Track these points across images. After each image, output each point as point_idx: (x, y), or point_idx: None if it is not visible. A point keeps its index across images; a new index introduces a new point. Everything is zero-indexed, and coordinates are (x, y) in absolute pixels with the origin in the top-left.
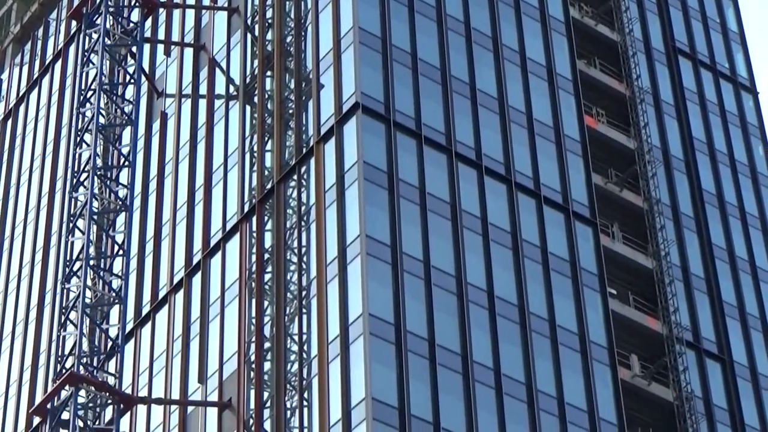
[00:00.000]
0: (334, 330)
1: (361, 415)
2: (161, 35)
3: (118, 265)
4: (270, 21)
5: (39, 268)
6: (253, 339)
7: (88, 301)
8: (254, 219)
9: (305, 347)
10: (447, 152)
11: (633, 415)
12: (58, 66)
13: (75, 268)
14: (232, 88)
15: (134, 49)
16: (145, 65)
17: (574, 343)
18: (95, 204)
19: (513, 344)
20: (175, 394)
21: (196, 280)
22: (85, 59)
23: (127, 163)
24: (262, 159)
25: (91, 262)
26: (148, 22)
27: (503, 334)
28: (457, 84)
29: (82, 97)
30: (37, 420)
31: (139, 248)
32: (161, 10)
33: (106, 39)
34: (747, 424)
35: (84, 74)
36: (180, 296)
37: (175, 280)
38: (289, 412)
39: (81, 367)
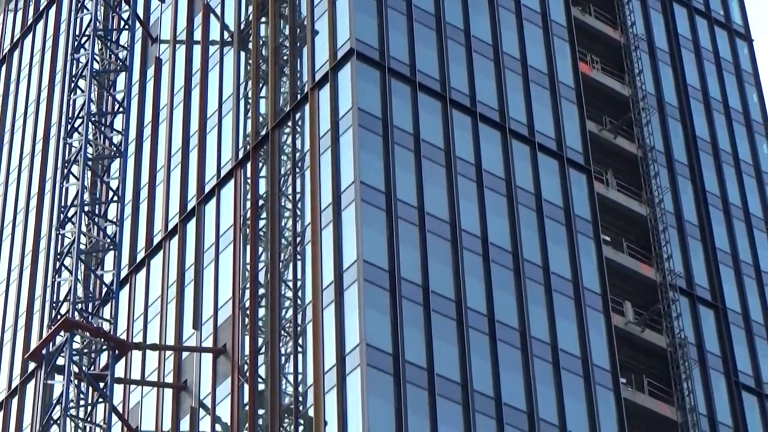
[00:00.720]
0: (329, 276)
1: (356, 361)
2: None
3: (112, 211)
4: None
5: (33, 214)
6: (248, 285)
7: (83, 247)
8: (249, 165)
9: (300, 293)
10: (441, 99)
11: (626, 361)
12: (52, 11)
13: (70, 214)
14: (226, 35)
15: None
16: (140, 11)
17: (568, 289)
18: (90, 150)
19: (507, 291)
20: (170, 340)
21: (191, 226)
22: (79, 5)
23: (121, 109)
24: (256, 105)
25: (86, 208)
26: None
27: (497, 280)
28: (452, 30)
29: (76, 43)
30: (32, 365)
31: (134, 194)
32: None
33: None
34: (740, 370)
35: (78, 20)
36: (174, 242)
37: (170, 226)
38: (283, 358)
39: (76, 313)
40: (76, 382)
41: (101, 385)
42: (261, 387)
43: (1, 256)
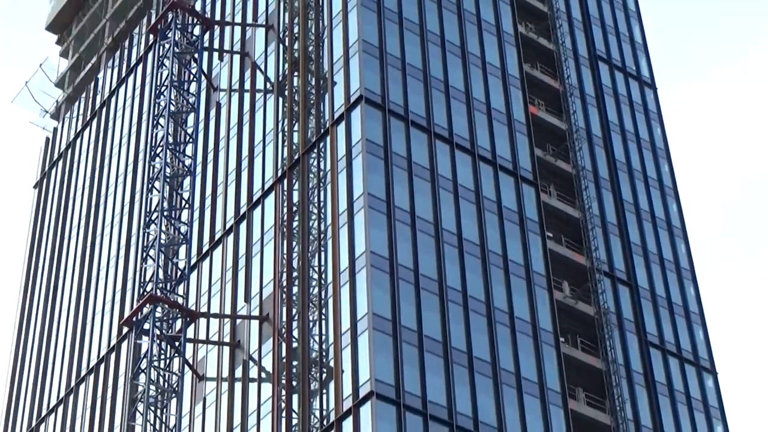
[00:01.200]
0: (345, 263)
1: (365, 326)
2: (216, 45)
3: (185, 216)
4: (297, 35)
5: (126, 217)
6: (285, 270)
7: (162, 241)
8: (285, 181)
9: (323, 276)
10: (427, 132)
11: (564, 326)
12: (140, 67)
13: (153, 218)
14: (268, 85)
15: (196, 55)
16: (204, 67)
17: (521, 272)
18: (168, 170)
19: (476, 274)
20: (227, 310)
21: (243, 226)
22: (160, 62)
23: (191, 139)
24: (291, 137)
25: (165, 213)
26: (207, 36)
27: (469, 265)
28: (437, 83)
29: (157, 91)
30: (125, 330)
31: (200, 203)
32: (216, 27)
33: (176, 48)
34: (648, 332)
35: (159, 74)
36: (231, 238)
37: (227, 226)
38: (311, 324)
39: (158, 291)
40: (158, 341)
41: (176, 343)
42: (294, 345)
43: (102, 248)
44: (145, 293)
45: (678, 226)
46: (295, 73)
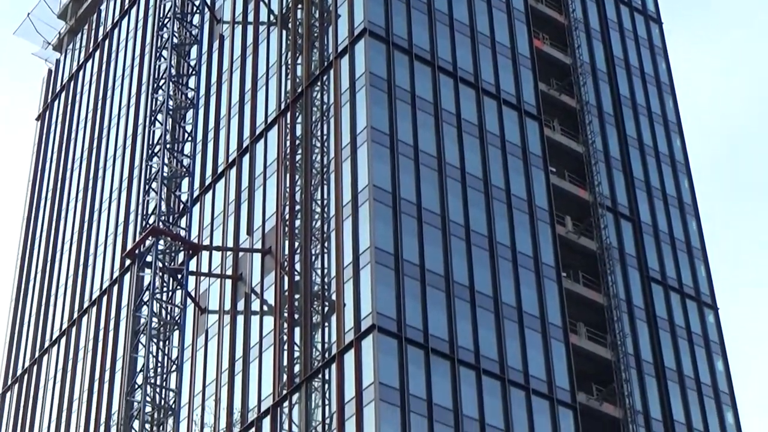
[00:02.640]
0: (347, 196)
1: (367, 259)
2: None
3: (188, 148)
4: None
5: (129, 150)
6: (287, 203)
7: (165, 174)
8: (289, 114)
9: (326, 209)
10: (431, 66)
11: (566, 260)
12: (143, 0)
13: (156, 150)
14: (272, 17)
15: None
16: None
17: (524, 207)
18: (171, 102)
19: (479, 208)
20: (230, 243)
21: (246, 159)
22: None
23: (194, 72)
24: (294, 70)
25: (168, 146)
26: None
27: (472, 199)
28: (441, 16)
29: (160, 23)
30: (128, 262)
31: (203, 135)
32: None
33: None
34: (650, 267)
35: (162, 6)
36: (233, 171)
37: (230, 159)
38: (313, 257)
39: (160, 223)
40: (160, 274)
41: (179, 276)
42: (297, 278)
43: (105, 180)
44: (148, 226)
45: (681, 161)
46: (299, 6)
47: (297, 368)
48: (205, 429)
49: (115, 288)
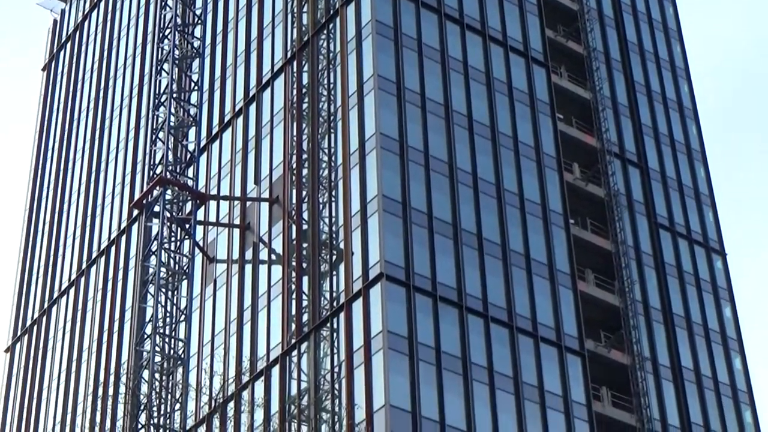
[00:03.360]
0: (354, 144)
1: (374, 208)
2: None
3: (194, 97)
4: None
5: (136, 100)
6: (295, 151)
7: (172, 124)
8: (295, 63)
9: (333, 157)
10: (437, 13)
11: (574, 207)
12: None
13: (162, 100)
14: None
15: None
16: None
17: (531, 154)
18: (176, 52)
19: (486, 155)
20: (237, 192)
21: (252, 108)
22: None
23: (199, 21)
24: (300, 18)
25: (174, 95)
26: None
27: (480, 147)
28: None
29: None
30: (136, 212)
31: (210, 84)
32: None
33: None
34: (658, 214)
35: None
36: (240, 120)
37: (237, 108)
38: (321, 206)
39: (168, 173)
40: (168, 224)
41: (186, 226)
42: (304, 227)
43: (112, 130)
44: (155, 176)
45: (689, 107)
46: None
47: (305, 317)
48: (215, 378)
49: (123, 238)
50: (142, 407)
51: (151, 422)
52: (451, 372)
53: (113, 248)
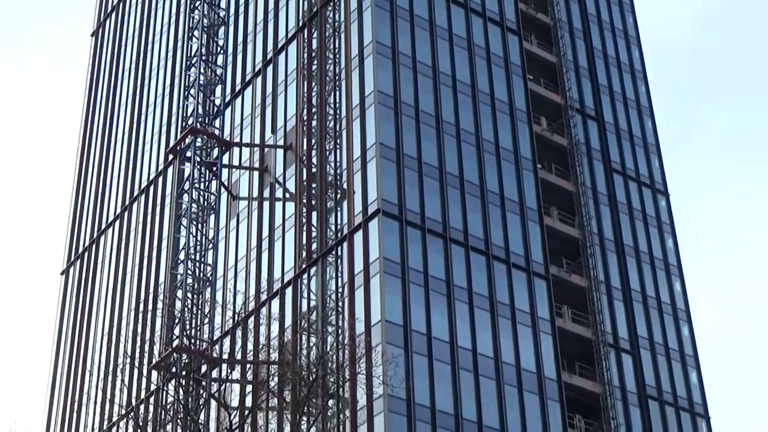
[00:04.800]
0: (356, 100)
1: (373, 153)
2: None
3: (220, 60)
4: None
5: (170, 62)
6: (305, 106)
7: (202, 82)
8: (306, 31)
9: (338, 111)
10: None
11: (542, 154)
12: None
13: (193, 61)
14: None
15: None
16: None
17: (506, 108)
18: (205, 20)
19: (468, 110)
20: (257, 140)
21: (270, 69)
22: None
23: None
24: None
25: (203, 58)
26: None
27: (462, 103)
28: None
29: None
30: (171, 157)
31: (233, 48)
32: None
33: None
34: (612, 160)
35: None
36: (259, 79)
37: (256, 68)
38: (327, 152)
39: (198, 124)
40: (198, 167)
41: (214, 168)
42: (314, 170)
43: (151, 87)
44: (187, 126)
45: (639, 69)
46: None
47: (314, 246)
48: (238, 296)
49: (160, 179)
50: (176, 321)
51: (184, 334)
52: (437, 293)
53: (152, 187)
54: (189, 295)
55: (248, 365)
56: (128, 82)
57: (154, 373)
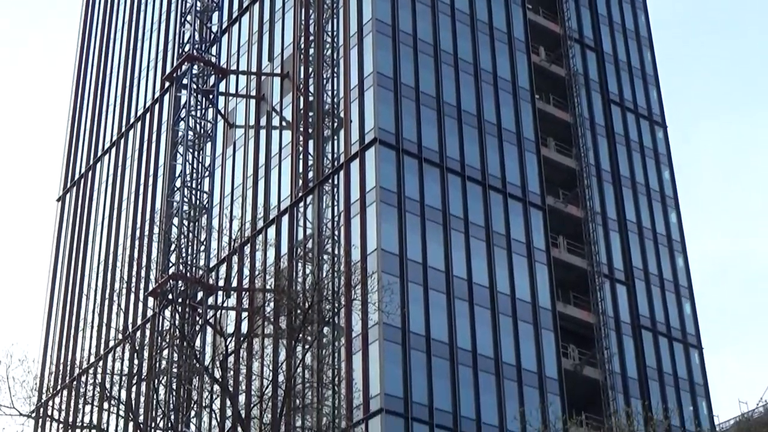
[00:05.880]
0: (354, 28)
1: (370, 82)
2: None
3: None
4: None
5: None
6: (303, 34)
7: (198, 8)
8: None
9: (335, 39)
10: None
11: (539, 84)
12: None
13: None
14: None
15: None
16: None
17: (504, 38)
18: None
19: (466, 39)
20: (254, 68)
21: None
22: None
23: None
24: None
25: None
26: None
27: (460, 32)
28: None
29: None
30: (167, 84)
31: None
32: None
33: None
34: (610, 91)
35: None
36: (257, 6)
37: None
38: (325, 80)
39: (195, 51)
40: (194, 94)
41: (210, 96)
42: (311, 98)
43: (147, 14)
44: (184, 53)
45: None
46: None
47: (310, 174)
48: (234, 222)
49: (157, 106)
50: (172, 248)
51: (180, 261)
52: (433, 222)
53: (148, 114)
54: (185, 222)
55: (244, 292)
56: (124, 8)
57: (151, 300)
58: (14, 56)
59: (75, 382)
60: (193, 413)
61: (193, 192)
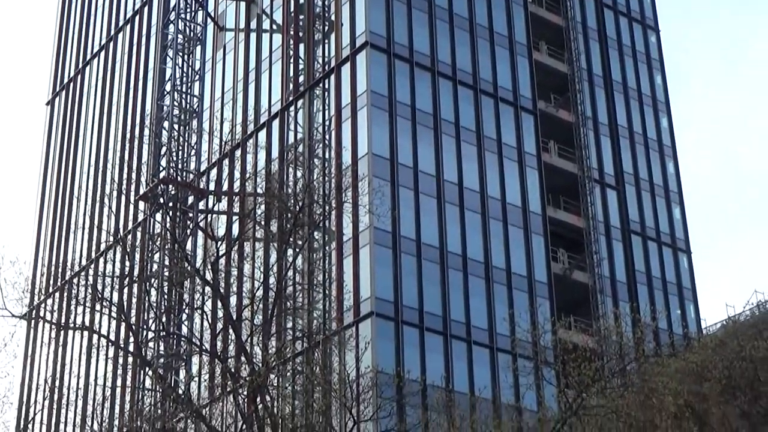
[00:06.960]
0: None
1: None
2: None
3: None
4: None
5: None
6: None
7: None
8: None
9: None
10: None
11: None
12: None
13: None
14: None
15: None
16: None
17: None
18: None
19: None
20: None
21: None
22: None
23: None
24: None
25: None
26: None
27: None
28: None
29: None
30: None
31: None
32: None
33: None
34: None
35: None
36: None
37: None
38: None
39: None
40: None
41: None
42: (301, 1)
43: None
44: None
45: None
46: None
47: (301, 78)
48: (225, 125)
49: (146, 9)
50: (163, 152)
51: (171, 165)
52: (424, 126)
53: (137, 17)
54: (175, 126)
55: (234, 196)
56: None
57: (142, 203)
58: None
59: (67, 285)
60: (184, 315)
61: (183, 96)
